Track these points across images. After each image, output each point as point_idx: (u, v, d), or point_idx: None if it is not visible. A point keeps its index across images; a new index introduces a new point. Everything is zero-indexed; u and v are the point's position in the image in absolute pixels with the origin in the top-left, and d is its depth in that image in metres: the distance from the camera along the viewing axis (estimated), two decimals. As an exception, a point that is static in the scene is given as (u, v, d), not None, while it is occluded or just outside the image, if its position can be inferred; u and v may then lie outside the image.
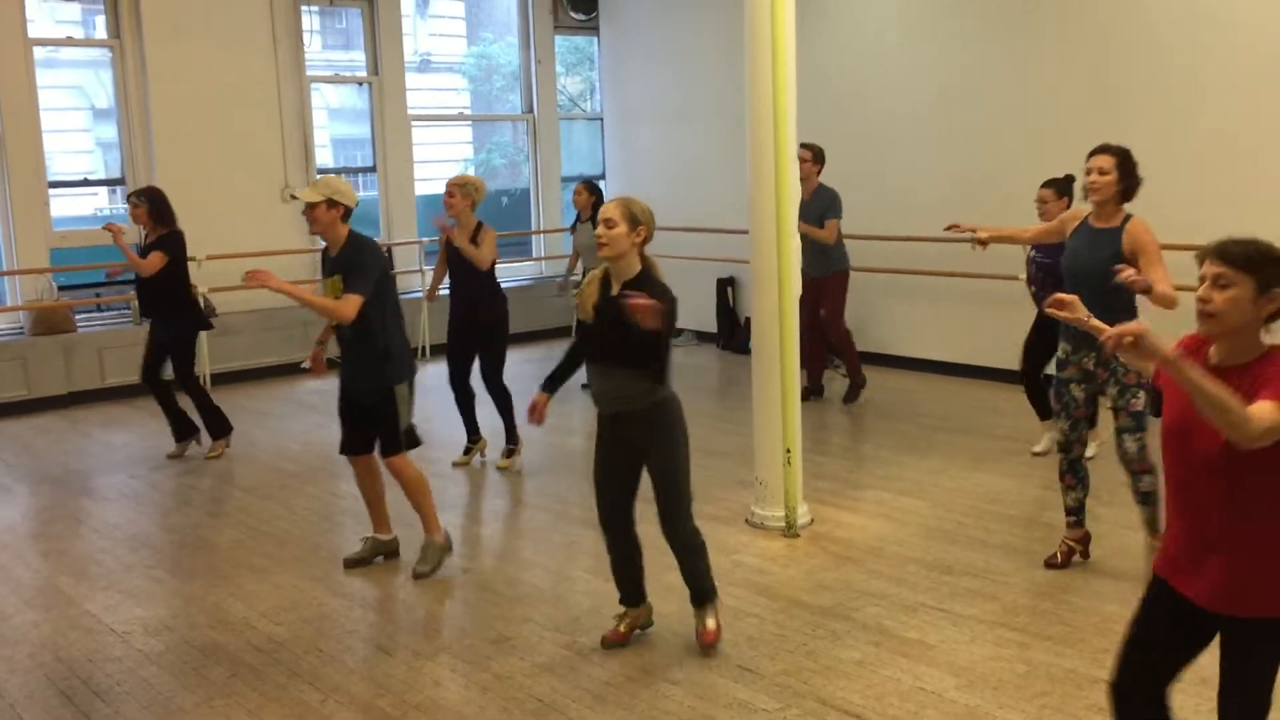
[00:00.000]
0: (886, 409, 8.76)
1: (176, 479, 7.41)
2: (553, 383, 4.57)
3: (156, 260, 7.45)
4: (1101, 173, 4.98)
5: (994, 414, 8.46)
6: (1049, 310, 3.05)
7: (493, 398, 7.32)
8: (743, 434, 6.63)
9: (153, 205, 7.58)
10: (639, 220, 4.19)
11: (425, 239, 11.87)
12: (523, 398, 8.48)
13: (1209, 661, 4.17)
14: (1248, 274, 2.67)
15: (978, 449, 7.49)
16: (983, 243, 5.75)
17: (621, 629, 4.63)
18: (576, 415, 9.00)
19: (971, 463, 7.16)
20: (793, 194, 5.85)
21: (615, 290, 4.23)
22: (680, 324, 12.78)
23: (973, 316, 9.72)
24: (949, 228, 6.35)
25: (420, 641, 4.77)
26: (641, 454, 4.37)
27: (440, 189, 7.28)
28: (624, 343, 4.15)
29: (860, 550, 5.67)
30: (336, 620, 5.07)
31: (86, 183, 10.97)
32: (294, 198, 5.45)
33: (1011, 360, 9.25)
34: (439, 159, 13.79)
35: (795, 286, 5.92)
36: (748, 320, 11.10)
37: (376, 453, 5.50)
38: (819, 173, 8.51)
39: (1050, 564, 5.33)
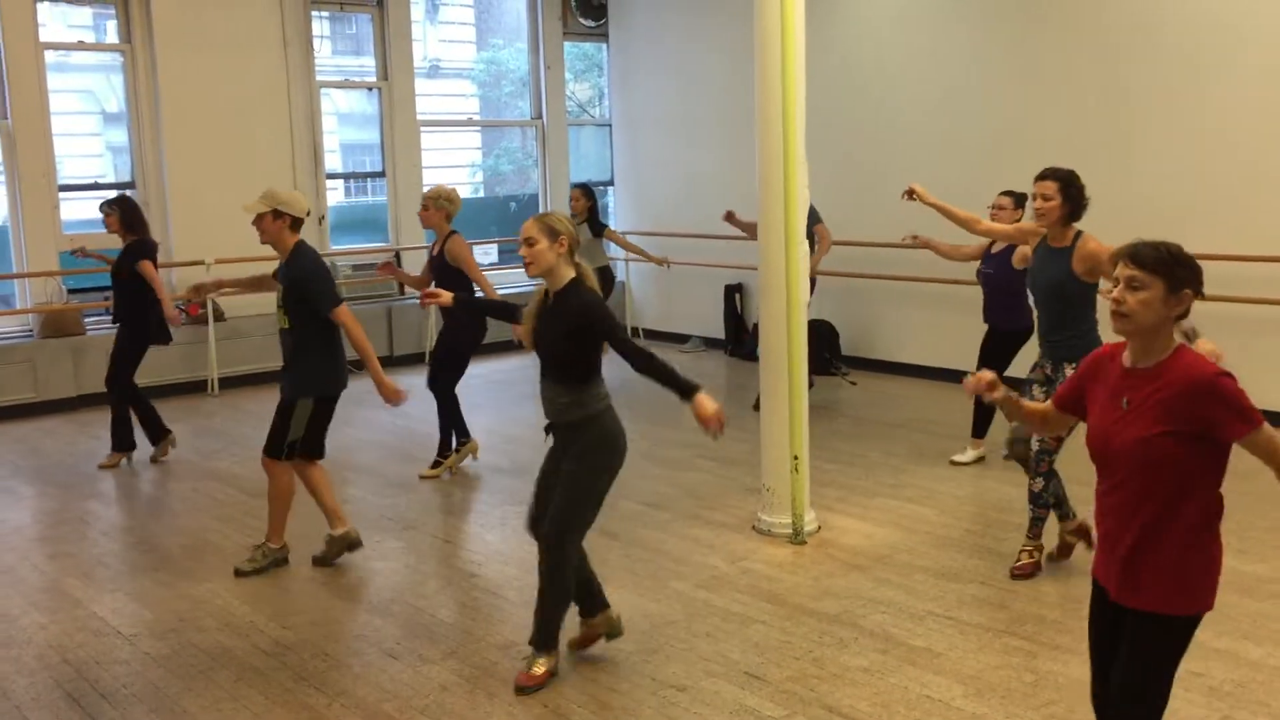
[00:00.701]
0: (894, 417, 8.75)
1: (183, 482, 7.42)
2: (461, 301, 5.05)
3: (152, 270, 7.56)
4: (1046, 198, 5.16)
5: (1002, 422, 8.42)
6: (970, 392, 3.32)
7: (441, 401, 7.31)
8: (750, 441, 6.63)
9: (124, 213, 7.65)
10: (558, 231, 4.19)
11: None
12: (527, 402, 8.46)
13: (1219, 670, 4.16)
14: (1158, 276, 2.82)
15: (986, 456, 7.46)
16: (910, 194, 6.02)
17: (578, 638, 4.58)
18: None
19: (979, 470, 7.14)
20: (801, 201, 5.84)
21: (550, 301, 4.27)
22: (688, 330, 12.80)
23: (978, 324, 9.69)
24: (910, 238, 6.75)
25: (426, 646, 4.76)
26: (561, 463, 4.35)
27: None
28: (550, 355, 4.24)
29: (867, 557, 5.66)
30: (343, 624, 5.07)
31: (96, 186, 10.99)
32: (247, 209, 5.47)
33: (1019, 368, 9.25)
34: (448, 164, 13.81)
35: (803, 293, 5.92)
36: (755, 326, 11.11)
37: (273, 458, 5.65)
38: None
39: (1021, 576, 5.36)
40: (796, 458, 5.87)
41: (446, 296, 4.99)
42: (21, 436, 8.82)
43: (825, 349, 9.96)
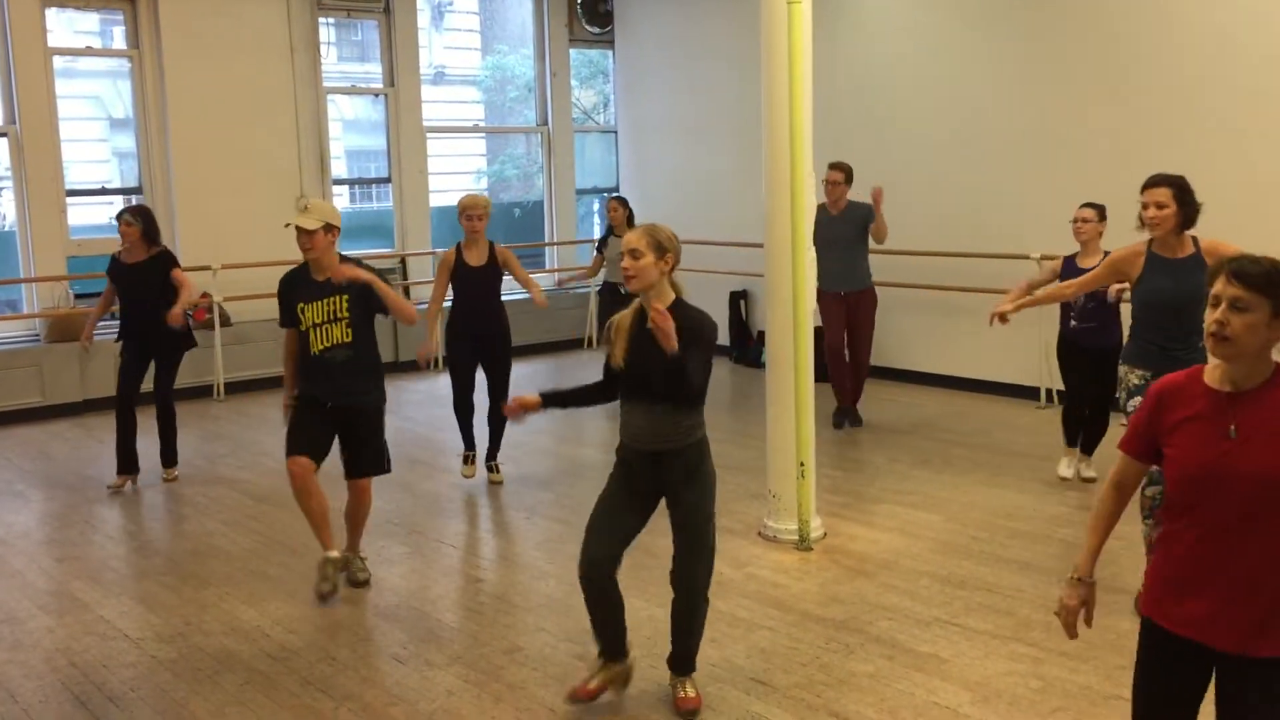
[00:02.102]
0: (901, 424, 8.74)
1: (190, 487, 7.43)
2: (554, 396, 4.24)
3: (188, 278, 7.39)
4: (1160, 206, 4.93)
5: (1010, 430, 8.44)
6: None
7: (503, 416, 7.29)
8: (756, 447, 6.63)
9: (146, 225, 7.38)
10: (665, 248, 3.96)
11: (439, 250, 11.90)
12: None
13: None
14: (1265, 296, 2.58)
15: (993, 464, 7.47)
16: (1001, 319, 5.94)
17: (593, 685, 4.20)
18: (590, 427, 9.01)
19: (987, 478, 7.14)
20: (808, 208, 5.85)
21: (650, 323, 3.93)
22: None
23: (988, 332, 9.68)
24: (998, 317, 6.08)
25: (433, 651, 4.77)
26: (671, 495, 4.07)
27: (454, 200, 7.30)
28: (668, 377, 3.88)
29: (873, 564, 5.66)
30: (349, 629, 5.07)
31: (104, 191, 11.03)
32: (298, 228, 5.32)
33: (1027, 376, 9.26)
34: (453, 170, 13.84)
35: (810, 300, 5.93)
36: (760, 334, 11.11)
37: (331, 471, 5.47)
38: (848, 191, 8.50)
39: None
40: (803, 464, 5.88)
41: (533, 401, 4.22)
42: (28, 440, 8.84)
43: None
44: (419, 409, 9.48)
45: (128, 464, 7.45)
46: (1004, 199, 9.37)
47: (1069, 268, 6.73)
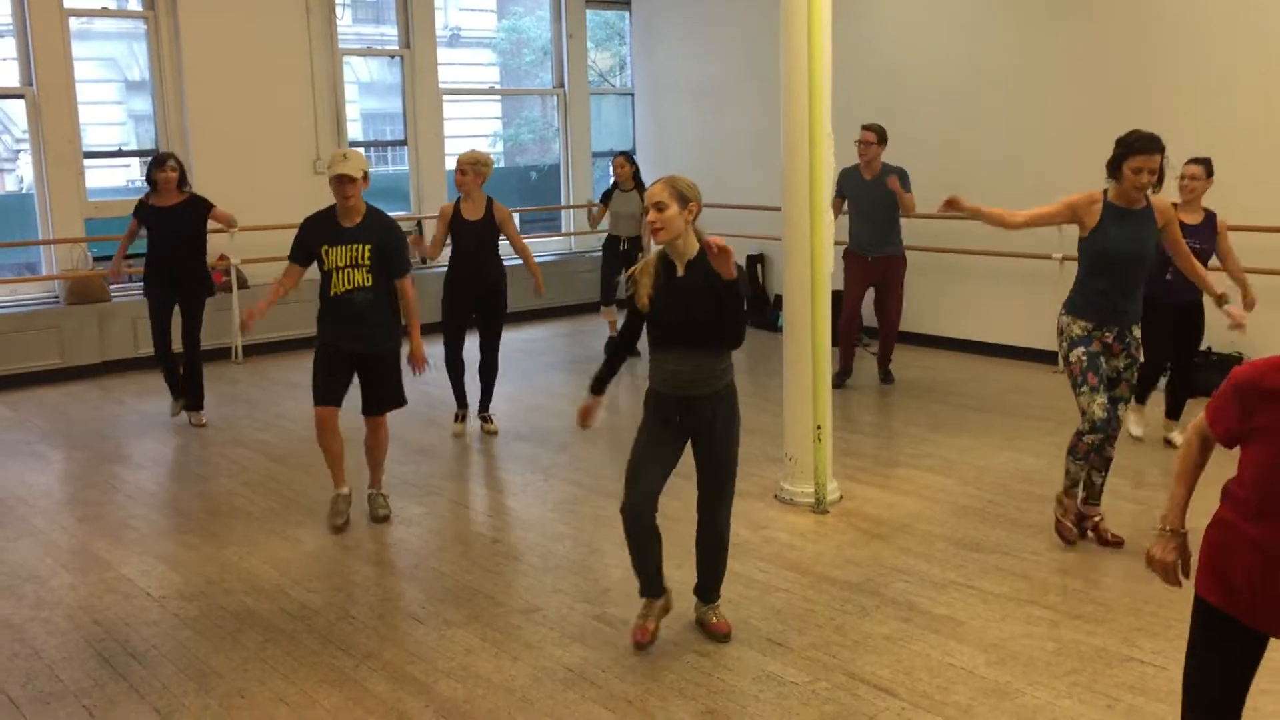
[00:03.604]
0: (917, 387, 8.73)
1: (209, 448, 7.48)
2: (601, 384, 4.42)
3: (225, 213, 7.94)
4: (1153, 173, 5.06)
5: (1025, 393, 8.42)
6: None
7: (493, 367, 7.59)
8: (773, 411, 6.63)
9: (182, 170, 7.83)
10: (688, 197, 4.07)
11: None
12: (554, 372, 8.47)
13: None
14: None
15: (1009, 428, 7.46)
16: (950, 205, 5.35)
17: (651, 624, 4.43)
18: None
19: (1003, 441, 7.13)
20: (826, 170, 5.81)
21: (680, 272, 4.12)
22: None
23: (1005, 295, 9.67)
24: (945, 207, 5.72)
25: (451, 610, 4.80)
26: (702, 437, 4.24)
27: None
28: (701, 325, 4.07)
29: (889, 527, 5.67)
30: (368, 588, 5.12)
31: (120, 154, 11.05)
32: (340, 176, 5.54)
33: (1044, 340, 9.22)
34: (469, 134, 13.79)
35: (828, 263, 5.90)
36: (777, 297, 11.08)
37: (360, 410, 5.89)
38: (882, 153, 8.45)
39: (1068, 538, 5.36)
40: (819, 427, 5.88)
41: (594, 405, 4.47)
42: (48, 401, 8.90)
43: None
44: (437, 372, 9.48)
45: (178, 392, 8.00)
46: (1021, 162, 9.30)
47: None
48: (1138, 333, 5.26)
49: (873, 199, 8.39)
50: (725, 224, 11.45)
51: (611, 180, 9.99)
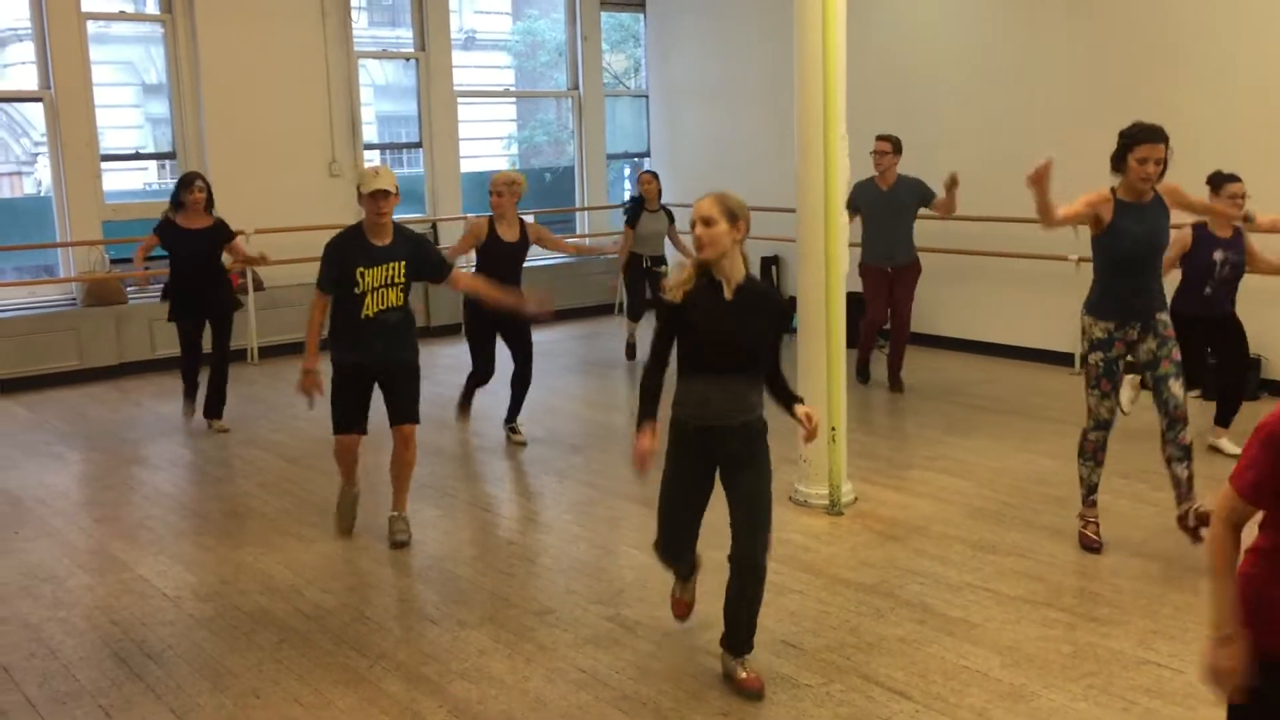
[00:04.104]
0: (932, 389, 8.71)
1: (225, 449, 7.51)
2: (651, 415, 4.02)
3: (243, 247, 7.99)
4: (1157, 162, 5.04)
5: (1041, 395, 8.39)
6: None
7: (527, 379, 7.40)
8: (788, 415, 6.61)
9: (209, 193, 7.77)
10: (737, 215, 3.87)
11: (470, 215, 11.92)
12: (568, 374, 8.46)
13: None
14: None
15: (1024, 430, 7.43)
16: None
17: (687, 598, 4.48)
18: (620, 391, 9.05)
19: (1018, 443, 7.10)
20: (841, 171, 5.80)
21: (729, 295, 3.89)
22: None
23: (1019, 297, 9.63)
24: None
25: (465, 611, 4.81)
26: (731, 471, 4.00)
27: (485, 165, 7.35)
28: (744, 351, 3.91)
29: (904, 529, 5.65)
30: (382, 589, 5.13)
31: (138, 156, 11.11)
32: (377, 191, 5.27)
33: (1059, 342, 9.19)
34: (484, 136, 13.82)
35: (842, 265, 5.89)
36: (791, 299, 11.05)
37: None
38: (897, 163, 8.42)
39: (1093, 547, 5.28)
40: (834, 429, 5.86)
41: (652, 443, 4.00)
42: (65, 403, 8.96)
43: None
44: (450, 373, 9.51)
45: (194, 396, 8.02)
46: (1034, 162, 9.25)
47: (1204, 236, 6.56)
48: (1164, 316, 5.15)
49: (890, 209, 8.34)
50: (740, 226, 11.46)
51: (629, 195, 9.96)
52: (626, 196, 14.31)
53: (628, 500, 6.27)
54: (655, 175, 9.82)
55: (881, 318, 8.59)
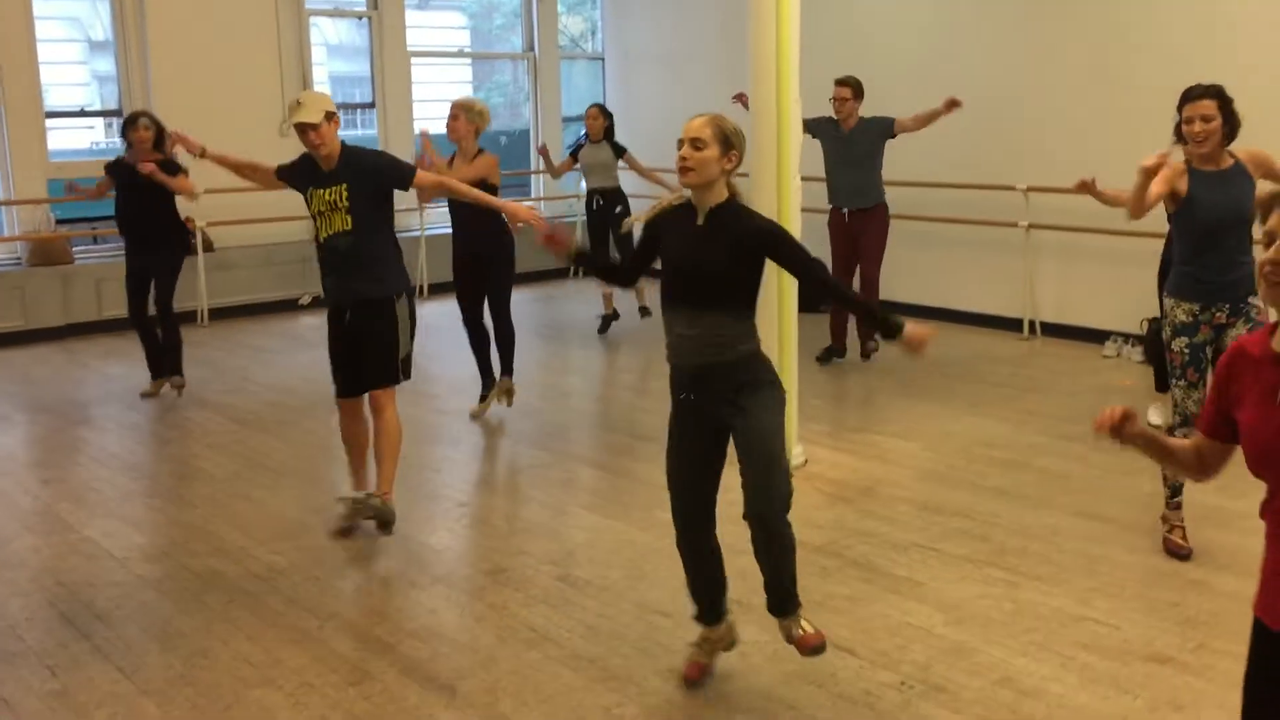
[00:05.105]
0: (883, 354, 8.77)
1: (174, 411, 7.44)
2: (583, 255, 4.10)
3: (188, 181, 7.43)
4: (1206, 119, 4.61)
5: (990, 360, 8.50)
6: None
7: (500, 332, 7.11)
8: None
9: (158, 131, 7.49)
10: (732, 143, 3.54)
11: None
12: (523, 338, 8.51)
13: (1194, 600, 4.23)
14: None
15: (973, 394, 7.53)
16: (1084, 188, 5.13)
17: (703, 660, 3.88)
18: (574, 354, 9.06)
19: (966, 408, 7.20)
20: (794, 138, 5.82)
21: (701, 220, 3.58)
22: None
23: (970, 262, 9.72)
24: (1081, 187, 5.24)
25: (416, 572, 4.82)
26: (730, 419, 3.59)
27: (440, 128, 7.07)
28: (711, 282, 3.54)
29: (852, 490, 5.72)
30: (334, 550, 5.12)
31: (83, 114, 10.91)
32: (300, 125, 4.95)
33: (1009, 307, 9.30)
34: (439, 98, 13.69)
35: (794, 228, 5.91)
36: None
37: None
38: (859, 107, 8.13)
39: (1180, 554, 4.82)
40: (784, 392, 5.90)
41: (567, 242, 4.09)
42: (11, 364, 8.82)
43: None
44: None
45: (158, 369, 7.72)
46: (991, 129, 9.33)
47: None
48: (1258, 300, 4.63)
49: (848, 154, 8.09)
50: (695, 190, 11.45)
51: (583, 132, 9.76)
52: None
53: (581, 463, 6.30)
54: (601, 110, 9.45)
55: (839, 264, 8.25)
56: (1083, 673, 3.86)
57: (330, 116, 4.98)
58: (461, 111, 6.63)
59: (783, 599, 3.71)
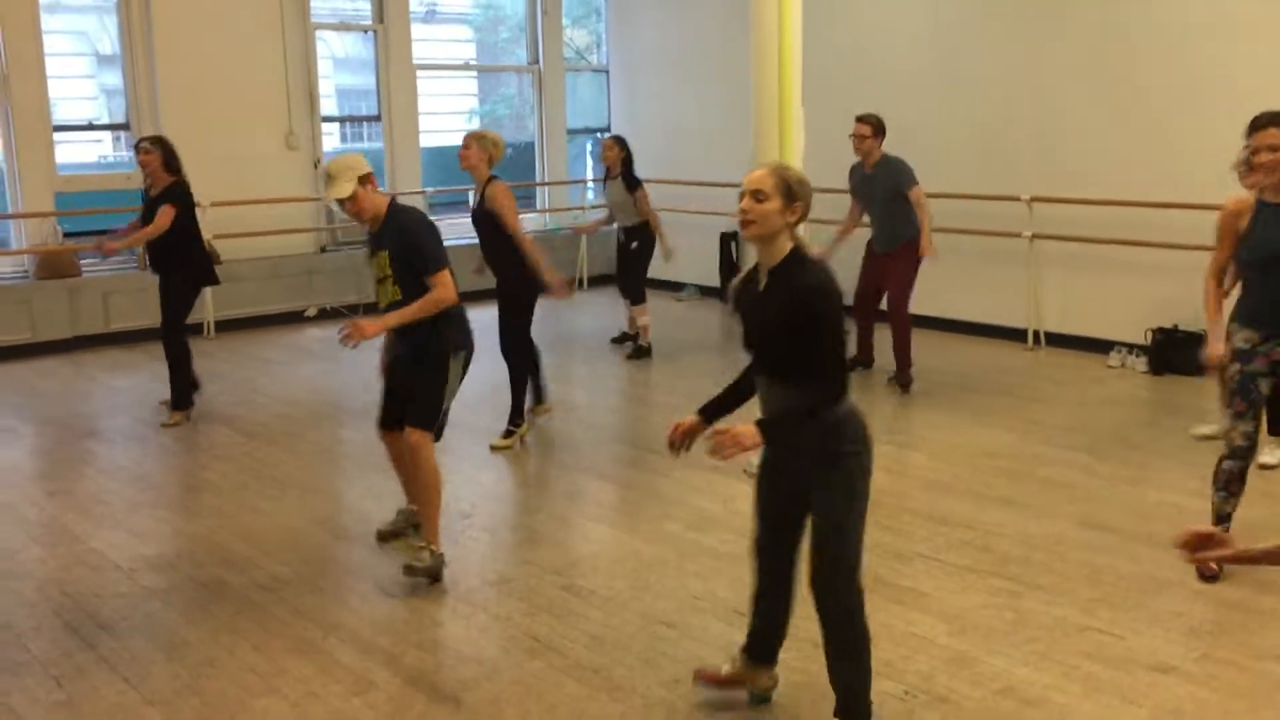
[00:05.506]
0: (888, 365, 8.78)
1: (181, 424, 7.45)
2: (710, 410, 3.65)
3: (166, 217, 7.10)
4: (1274, 149, 4.46)
5: (998, 372, 8.50)
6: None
7: (510, 370, 6.94)
8: (743, 386, 6.67)
9: (165, 154, 7.24)
10: (795, 194, 3.28)
11: (429, 189, 11.90)
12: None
13: (1199, 610, 4.22)
14: None
15: (978, 405, 7.53)
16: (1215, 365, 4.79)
17: (724, 671, 3.80)
18: (578, 365, 9.08)
19: (971, 418, 7.20)
20: (796, 147, 5.84)
21: (763, 280, 3.36)
22: (683, 278, 12.77)
23: (975, 273, 9.73)
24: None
25: (421, 583, 4.83)
26: (809, 489, 3.45)
27: (446, 140, 7.08)
28: (763, 348, 3.39)
29: (857, 501, 5.72)
30: (339, 562, 5.14)
31: (91, 127, 10.97)
32: (332, 203, 4.91)
33: (1014, 318, 9.30)
34: (444, 110, 13.75)
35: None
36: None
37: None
38: (881, 144, 7.86)
39: (1208, 575, 4.67)
40: (788, 402, 5.91)
41: (694, 425, 3.66)
42: (18, 376, 8.86)
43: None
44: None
45: (180, 399, 7.43)
46: (993, 139, 9.35)
47: None
48: None
49: (870, 192, 7.92)
50: (700, 200, 11.49)
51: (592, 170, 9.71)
52: (588, 173, 14.32)
53: (588, 474, 6.32)
54: (616, 141, 9.27)
55: (858, 293, 8.05)
56: (1086, 682, 3.86)
57: (364, 181, 4.69)
58: (474, 141, 6.51)
59: (842, 707, 3.50)
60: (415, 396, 4.86)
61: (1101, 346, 8.68)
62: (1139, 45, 8.44)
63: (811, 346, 3.26)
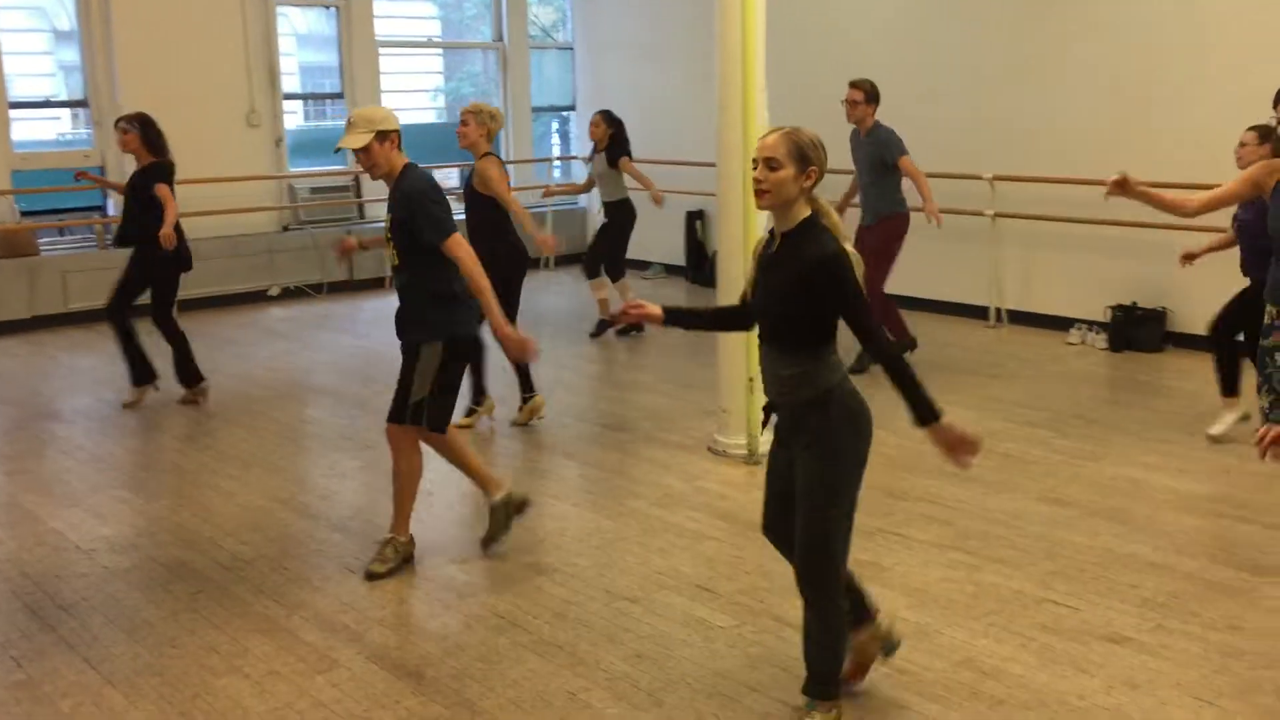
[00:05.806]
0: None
1: (142, 403, 7.39)
2: (673, 313, 3.62)
3: (169, 193, 7.00)
4: None
5: (960, 349, 8.57)
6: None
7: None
8: (711, 366, 6.68)
9: (144, 132, 7.10)
10: (809, 159, 3.21)
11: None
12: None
13: (1153, 582, 4.27)
14: None
15: (939, 381, 7.54)
16: (1118, 188, 4.55)
17: (848, 669, 3.64)
18: (548, 346, 9.04)
19: (934, 394, 7.22)
20: (760, 126, 5.84)
21: (776, 244, 3.31)
22: (649, 256, 12.73)
23: (937, 251, 9.77)
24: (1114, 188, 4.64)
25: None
26: (796, 458, 3.39)
27: (411, 118, 6.94)
28: (772, 315, 3.34)
29: (820, 477, 5.76)
30: (302, 541, 5.13)
31: (48, 104, 10.81)
32: (336, 151, 4.62)
33: (975, 295, 9.37)
34: (408, 88, 13.64)
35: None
36: (715, 253, 11.12)
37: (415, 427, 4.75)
38: (874, 111, 7.73)
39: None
40: (752, 379, 5.94)
41: (654, 311, 3.58)
42: (-24, 357, 8.76)
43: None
44: (373, 327, 9.46)
45: (138, 375, 7.26)
46: (958, 118, 9.39)
47: None
48: None
49: (858, 156, 7.80)
50: (665, 179, 11.46)
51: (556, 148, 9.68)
52: (553, 150, 14.27)
53: (554, 453, 6.33)
54: (605, 116, 9.11)
55: (870, 275, 7.84)
56: (1042, 653, 3.92)
57: (384, 136, 4.47)
58: (471, 116, 6.39)
59: (808, 677, 3.47)
60: (399, 388, 4.72)
61: (1062, 324, 8.77)
62: (1104, 24, 8.49)
63: (820, 312, 3.24)
